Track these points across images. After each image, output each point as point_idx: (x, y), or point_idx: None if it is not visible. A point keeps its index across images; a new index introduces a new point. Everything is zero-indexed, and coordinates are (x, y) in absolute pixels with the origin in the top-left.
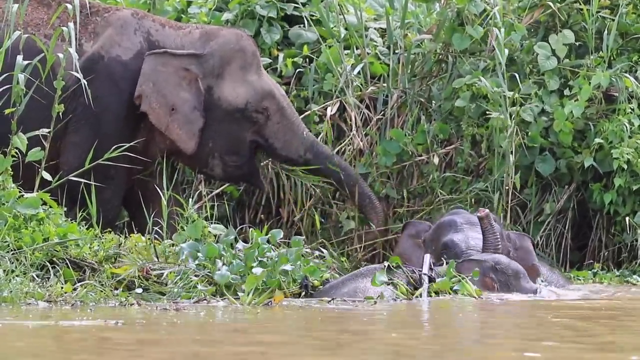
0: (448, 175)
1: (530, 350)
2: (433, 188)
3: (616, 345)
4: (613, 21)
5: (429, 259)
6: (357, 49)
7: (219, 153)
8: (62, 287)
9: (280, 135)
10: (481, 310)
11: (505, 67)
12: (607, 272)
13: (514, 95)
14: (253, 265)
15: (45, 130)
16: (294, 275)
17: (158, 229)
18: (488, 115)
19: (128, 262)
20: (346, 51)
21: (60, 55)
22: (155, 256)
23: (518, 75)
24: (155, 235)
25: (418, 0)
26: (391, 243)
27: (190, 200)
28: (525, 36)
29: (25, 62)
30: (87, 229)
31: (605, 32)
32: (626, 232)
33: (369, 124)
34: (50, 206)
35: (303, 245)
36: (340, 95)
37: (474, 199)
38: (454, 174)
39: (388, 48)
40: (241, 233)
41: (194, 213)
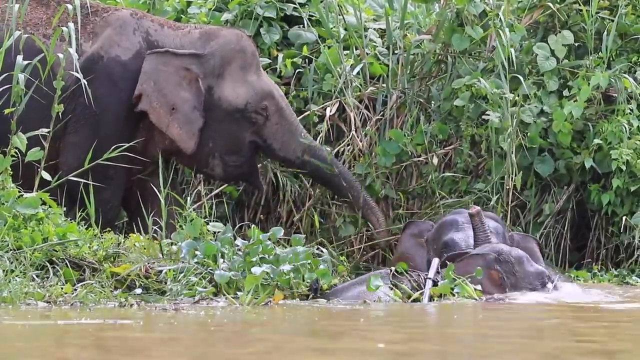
0: (447, 175)
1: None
2: (432, 188)
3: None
4: (612, 22)
5: (437, 263)
6: (357, 49)
7: (219, 153)
8: (62, 288)
9: (279, 136)
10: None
11: (502, 69)
12: (605, 273)
13: (515, 96)
14: (253, 261)
15: (44, 130)
16: (303, 274)
17: (157, 229)
18: (487, 115)
19: (131, 260)
20: (345, 52)
21: (60, 55)
22: (160, 252)
23: (519, 77)
24: (154, 235)
25: (417, 1)
26: (391, 244)
27: (188, 198)
28: (524, 37)
29: (25, 62)
30: (87, 229)
31: (604, 33)
32: (623, 233)
33: (368, 125)
34: (50, 206)
35: (303, 244)
36: (339, 95)
37: (473, 200)
38: (453, 174)
39: (387, 48)
40: (240, 232)
41: (193, 212)
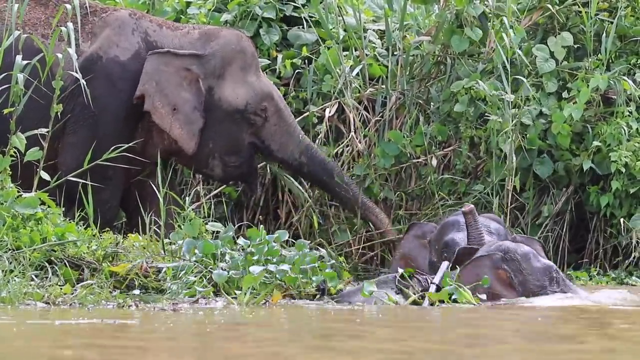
0: (446, 177)
1: None
2: (431, 190)
3: None
4: (611, 24)
5: (445, 267)
6: (356, 50)
7: (218, 153)
8: (61, 288)
9: (277, 137)
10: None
11: (503, 70)
12: (604, 275)
13: (516, 98)
14: (254, 260)
15: (43, 130)
16: (310, 277)
17: (156, 228)
18: (487, 117)
19: (132, 258)
20: (345, 52)
21: (59, 55)
22: (162, 249)
23: (519, 78)
24: (153, 235)
25: (417, 2)
26: (389, 245)
27: (187, 198)
28: (524, 38)
29: (24, 62)
30: (85, 229)
31: (603, 35)
32: (621, 234)
33: (368, 126)
34: (49, 206)
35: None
36: (338, 96)
37: (471, 201)
38: (452, 175)
39: (387, 50)
40: (238, 233)
41: (192, 212)
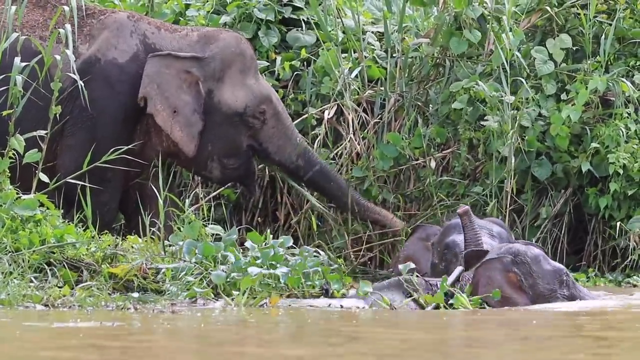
0: (445, 179)
1: None
2: (430, 192)
3: None
4: (610, 26)
5: (459, 272)
6: (355, 52)
7: (217, 156)
8: (61, 290)
9: (275, 139)
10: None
11: (502, 72)
12: (602, 277)
13: (516, 100)
14: (257, 263)
15: (42, 132)
16: (313, 280)
17: (155, 230)
18: (486, 121)
19: (132, 259)
20: (344, 54)
21: (57, 57)
22: (163, 249)
23: (519, 80)
24: (152, 237)
25: (415, 4)
26: (387, 247)
27: (186, 201)
28: (522, 40)
29: (23, 64)
30: (84, 230)
31: (602, 37)
32: (619, 237)
33: (366, 128)
34: (48, 208)
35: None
36: (337, 98)
37: (469, 203)
38: (450, 177)
39: (385, 52)
40: (237, 235)
41: (192, 214)
